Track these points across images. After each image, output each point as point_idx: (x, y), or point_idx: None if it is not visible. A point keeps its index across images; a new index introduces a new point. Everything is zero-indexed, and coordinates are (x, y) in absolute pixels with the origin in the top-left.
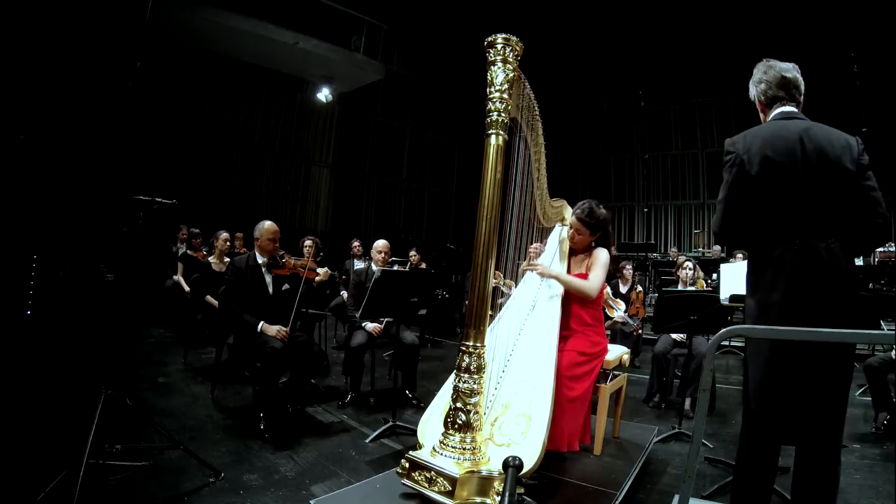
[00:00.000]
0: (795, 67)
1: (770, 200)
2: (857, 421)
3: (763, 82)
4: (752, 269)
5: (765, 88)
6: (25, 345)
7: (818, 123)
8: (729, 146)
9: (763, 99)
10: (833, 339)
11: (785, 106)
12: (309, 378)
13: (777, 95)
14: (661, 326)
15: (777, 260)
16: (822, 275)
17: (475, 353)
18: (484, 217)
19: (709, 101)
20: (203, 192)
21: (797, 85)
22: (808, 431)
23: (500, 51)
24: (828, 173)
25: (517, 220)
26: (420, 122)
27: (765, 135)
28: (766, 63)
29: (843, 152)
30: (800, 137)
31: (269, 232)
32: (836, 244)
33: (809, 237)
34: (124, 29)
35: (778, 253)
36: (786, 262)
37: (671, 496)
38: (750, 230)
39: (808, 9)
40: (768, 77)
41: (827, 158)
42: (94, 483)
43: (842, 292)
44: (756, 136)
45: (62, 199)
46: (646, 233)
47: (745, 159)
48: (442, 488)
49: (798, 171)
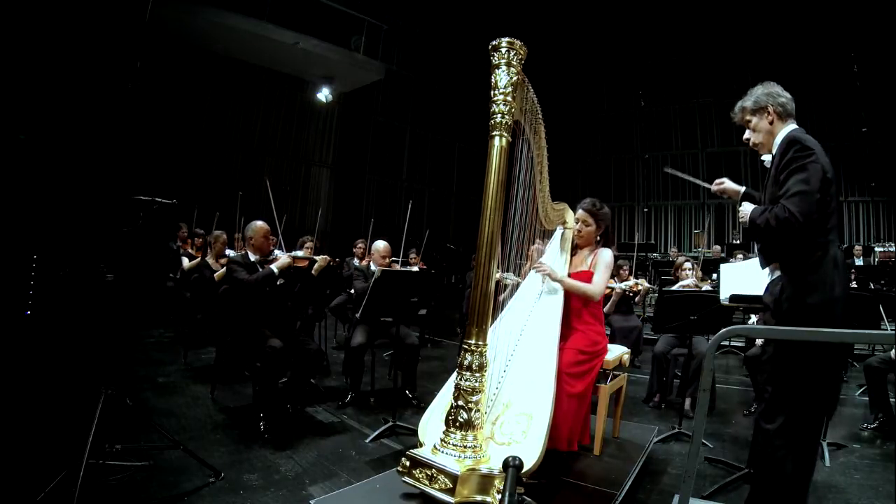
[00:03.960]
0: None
1: (831, 203)
2: (856, 421)
3: (783, 97)
4: (810, 267)
5: (785, 101)
6: (25, 345)
7: None
8: (805, 141)
9: (781, 110)
10: (832, 338)
11: (795, 124)
12: (309, 378)
13: (792, 113)
14: (661, 326)
15: (833, 259)
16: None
17: (477, 351)
18: (487, 217)
19: (709, 101)
20: (203, 193)
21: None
22: None
23: (505, 54)
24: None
25: (519, 222)
26: (420, 122)
27: (817, 145)
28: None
29: None
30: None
31: (263, 230)
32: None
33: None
34: (124, 29)
35: (833, 252)
36: (839, 261)
37: (671, 496)
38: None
39: (808, 9)
40: (788, 95)
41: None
42: (94, 483)
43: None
44: (815, 143)
45: (62, 199)
46: (646, 233)
47: (822, 161)
48: (443, 486)
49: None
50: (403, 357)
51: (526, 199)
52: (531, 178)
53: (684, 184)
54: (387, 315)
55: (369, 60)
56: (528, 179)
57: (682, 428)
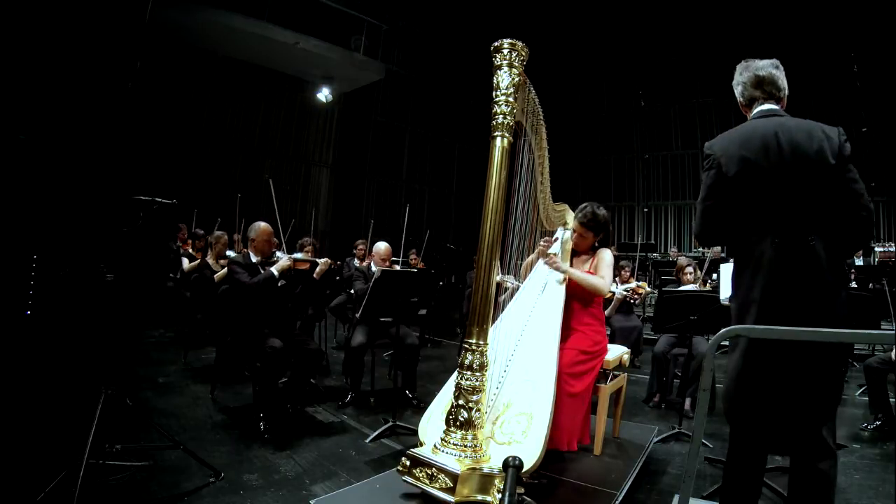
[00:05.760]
0: (774, 64)
1: (748, 200)
2: (856, 421)
3: (740, 84)
4: (734, 270)
5: (741, 90)
6: (25, 345)
7: (796, 118)
8: (707, 149)
9: (742, 101)
10: (832, 339)
11: (764, 104)
12: (309, 378)
13: (753, 95)
14: (661, 326)
15: (756, 259)
16: (801, 273)
17: (478, 350)
18: (489, 218)
19: (709, 101)
20: (203, 192)
21: (773, 81)
22: (793, 441)
23: (507, 55)
24: (805, 168)
25: (520, 223)
26: (420, 122)
27: (740, 135)
28: (743, 64)
29: (822, 145)
30: (775, 133)
31: (266, 232)
32: (816, 241)
33: (787, 235)
34: (124, 29)
35: (757, 252)
36: (763, 261)
37: (671, 496)
38: (731, 231)
39: (808, 9)
40: (744, 78)
41: (804, 153)
42: (94, 483)
43: (823, 291)
44: (732, 137)
45: (62, 199)
46: (646, 233)
47: (722, 161)
48: (443, 485)
49: (773, 169)
50: (403, 357)
51: (527, 200)
52: (532, 179)
53: (684, 184)
54: (387, 315)
55: (369, 60)
56: (529, 180)
57: (682, 428)
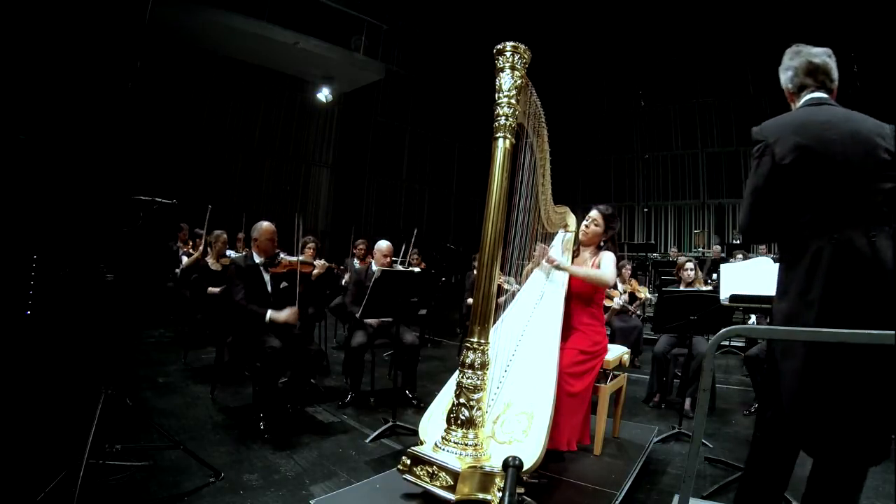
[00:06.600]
0: (827, 52)
1: (804, 192)
2: None
3: (790, 69)
4: (784, 269)
5: (791, 76)
6: (25, 345)
7: (847, 109)
8: (757, 135)
9: (790, 87)
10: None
11: (815, 93)
12: (309, 378)
13: (804, 83)
14: (661, 326)
15: (812, 257)
16: (863, 272)
17: (479, 349)
18: (491, 218)
19: (709, 101)
20: (203, 192)
21: (827, 71)
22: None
23: (509, 58)
24: (865, 160)
25: (521, 224)
26: (420, 123)
27: (795, 121)
28: (794, 48)
29: (878, 140)
30: (833, 123)
31: (268, 232)
32: (879, 237)
33: (848, 230)
34: (124, 29)
35: (813, 249)
36: (822, 258)
37: (671, 496)
38: (782, 225)
39: (808, 9)
40: (795, 63)
41: (862, 144)
42: (94, 483)
43: (889, 291)
44: (785, 122)
45: (62, 199)
46: (646, 233)
47: (776, 149)
48: (443, 483)
49: (832, 159)
50: (403, 357)
51: (528, 202)
52: (534, 181)
53: (684, 184)
54: (387, 315)
55: (369, 60)
56: (530, 182)
57: (682, 428)
